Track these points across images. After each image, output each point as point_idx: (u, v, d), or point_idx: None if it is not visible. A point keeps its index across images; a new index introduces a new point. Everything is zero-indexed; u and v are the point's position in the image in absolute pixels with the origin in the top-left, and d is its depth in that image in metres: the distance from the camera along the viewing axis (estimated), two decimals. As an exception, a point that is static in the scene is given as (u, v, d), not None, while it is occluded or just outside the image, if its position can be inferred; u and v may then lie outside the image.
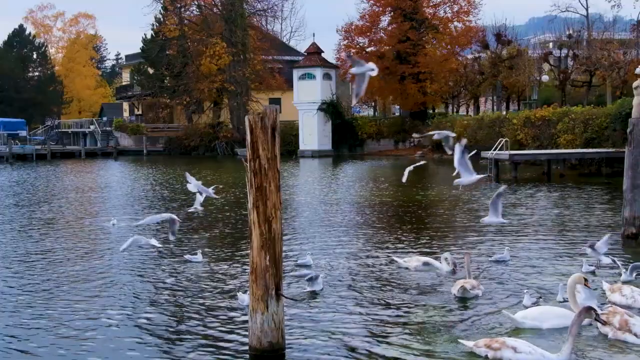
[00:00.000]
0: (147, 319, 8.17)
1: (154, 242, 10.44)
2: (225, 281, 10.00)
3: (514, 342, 6.43)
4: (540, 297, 8.62)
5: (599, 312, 6.55)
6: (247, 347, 6.88)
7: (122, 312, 8.45)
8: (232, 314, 8.28)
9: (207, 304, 8.76)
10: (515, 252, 11.63)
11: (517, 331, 7.37)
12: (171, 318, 8.19)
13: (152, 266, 11.22)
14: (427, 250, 12.12)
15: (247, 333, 6.95)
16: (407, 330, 7.55)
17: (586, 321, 7.40)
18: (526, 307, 8.02)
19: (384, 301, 8.79)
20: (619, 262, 9.81)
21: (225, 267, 10.99)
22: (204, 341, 7.31)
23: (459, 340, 6.85)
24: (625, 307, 7.65)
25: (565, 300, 8.04)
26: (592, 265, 10.21)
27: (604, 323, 6.86)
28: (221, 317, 8.17)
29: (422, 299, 8.91)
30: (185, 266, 11.08)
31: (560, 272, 10.02)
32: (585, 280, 7.72)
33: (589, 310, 6.31)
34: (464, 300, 8.70)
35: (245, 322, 7.28)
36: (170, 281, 10.08)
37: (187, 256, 11.52)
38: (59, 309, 8.59)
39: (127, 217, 17.27)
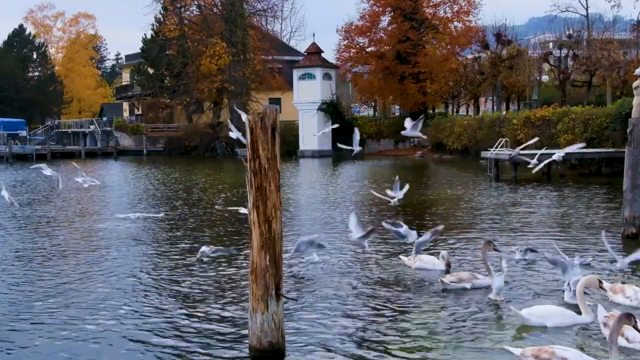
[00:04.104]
0: (147, 318, 8.17)
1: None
2: (225, 281, 10.00)
3: (564, 351, 6.17)
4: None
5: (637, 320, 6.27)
6: (247, 347, 6.88)
7: (121, 311, 8.45)
8: (232, 313, 8.28)
9: (206, 303, 8.76)
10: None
11: (523, 328, 7.40)
12: (170, 317, 8.19)
13: (152, 265, 11.22)
14: (428, 248, 12.11)
15: (247, 333, 6.96)
16: (410, 330, 7.54)
17: (587, 319, 7.41)
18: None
19: (386, 300, 8.78)
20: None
21: (225, 266, 10.99)
22: (203, 341, 7.30)
23: (505, 347, 6.60)
24: (629, 309, 7.60)
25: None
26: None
27: None
28: (221, 316, 8.17)
29: (425, 298, 8.89)
30: (184, 266, 11.08)
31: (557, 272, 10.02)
32: (600, 282, 7.72)
33: (628, 317, 6.01)
34: (463, 297, 8.70)
35: (245, 322, 7.28)
36: (170, 281, 10.08)
37: (203, 249, 11.44)
38: (59, 307, 8.59)
39: (129, 215, 17.26)
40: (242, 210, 13.67)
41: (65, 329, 7.75)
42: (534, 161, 14.00)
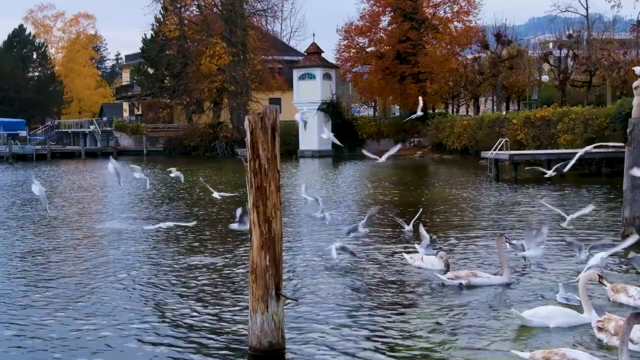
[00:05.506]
0: (145, 318, 8.16)
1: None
2: (225, 281, 10.00)
3: (573, 353, 6.16)
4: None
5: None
6: (247, 347, 6.88)
7: (121, 311, 8.44)
8: (232, 313, 8.28)
9: (206, 303, 8.75)
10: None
11: (525, 329, 7.39)
12: (170, 317, 8.19)
13: (152, 265, 11.22)
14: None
15: (247, 333, 6.95)
16: (411, 331, 7.53)
17: (589, 319, 7.40)
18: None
19: (386, 300, 8.78)
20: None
21: (225, 266, 10.98)
22: (203, 341, 7.30)
23: (512, 351, 6.53)
24: (631, 309, 7.59)
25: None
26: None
27: None
28: (221, 317, 8.16)
29: (426, 298, 8.88)
30: (184, 265, 11.08)
31: (561, 271, 10.03)
32: (600, 277, 7.72)
33: (636, 316, 5.89)
34: (464, 298, 8.70)
35: (245, 322, 7.28)
36: (169, 281, 10.08)
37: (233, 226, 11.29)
38: (59, 307, 8.58)
39: (130, 214, 17.27)
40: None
41: (62, 328, 7.74)
42: (551, 172, 14.07)
